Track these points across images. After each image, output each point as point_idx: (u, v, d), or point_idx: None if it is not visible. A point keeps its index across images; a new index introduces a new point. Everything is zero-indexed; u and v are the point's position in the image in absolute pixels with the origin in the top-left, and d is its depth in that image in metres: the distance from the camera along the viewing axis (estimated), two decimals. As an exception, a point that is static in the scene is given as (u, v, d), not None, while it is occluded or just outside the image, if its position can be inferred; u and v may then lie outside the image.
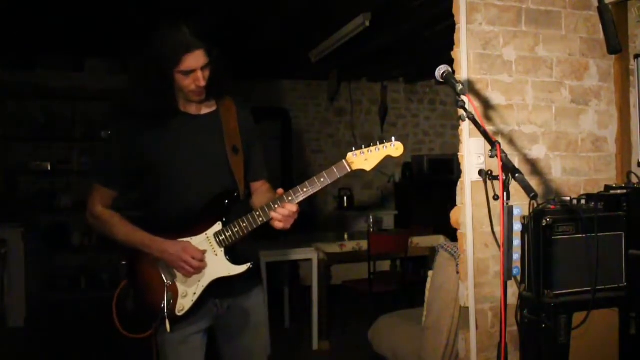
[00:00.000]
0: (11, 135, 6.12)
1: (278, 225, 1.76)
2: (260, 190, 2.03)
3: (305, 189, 1.74)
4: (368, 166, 1.75)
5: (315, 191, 1.75)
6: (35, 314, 5.24)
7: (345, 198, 6.95)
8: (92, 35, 5.14)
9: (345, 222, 6.64)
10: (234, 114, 1.92)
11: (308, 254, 4.36)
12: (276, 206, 1.74)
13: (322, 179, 1.73)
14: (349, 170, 1.74)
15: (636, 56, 2.88)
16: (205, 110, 1.90)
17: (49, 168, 6.23)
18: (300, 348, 4.39)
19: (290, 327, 4.86)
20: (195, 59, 1.72)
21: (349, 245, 4.61)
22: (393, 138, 1.75)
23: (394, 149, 1.74)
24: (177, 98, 1.84)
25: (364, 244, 4.50)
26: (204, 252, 1.77)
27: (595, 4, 2.81)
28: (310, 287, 4.38)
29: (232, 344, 1.96)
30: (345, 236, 4.97)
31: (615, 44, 2.76)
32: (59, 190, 6.39)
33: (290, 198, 1.74)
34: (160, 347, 1.86)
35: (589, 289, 2.29)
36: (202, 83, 1.76)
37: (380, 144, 1.75)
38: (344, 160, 1.74)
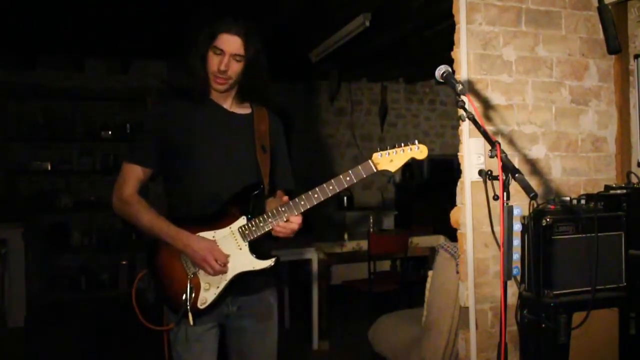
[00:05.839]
0: (11, 135, 6.12)
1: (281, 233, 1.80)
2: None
3: (331, 187, 1.76)
4: (393, 167, 1.77)
5: (340, 189, 1.77)
6: (35, 314, 5.24)
7: (345, 198, 6.94)
8: (92, 35, 5.14)
9: (345, 222, 6.64)
10: (266, 119, 1.98)
11: (308, 254, 4.35)
12: (302, 203, 1.76)
13: (347, 178, 1.75)
14: (375, 170, 1.76)
15: (636, 56, 2.88)
16: (240, 111, 1.96)
17: (49, 168, 6.23)
18: (300, 348, 4.39)
19: (290, 327, 4.86)
20: (229, 42, 1.80)
21: (349, 245, 4.61)
22: (416, 141, 1.77)
23: (419, 151, 1.76)
24: (209, 87, 1.88)
25: (364, 244, 4.49)
26: (228, 255, 1.78)
27: (595, 4, 2.81)
28: (310, 287, 4.38)
29: (241, 346, 1.95)
30: (345, 236, 4.97)
31: (615, 44, 2.76)
32: (59, 190, 6.39)
33: (316, 195, 1.76)
34: (173, 345, 1.87)
35: (588, 289, 2.29)
36: (223, 67, 1.80)
37: (405, 145, 1.76)
38: (370, 161, 1.77)
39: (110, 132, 6.43)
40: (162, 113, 1.89)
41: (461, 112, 1.68)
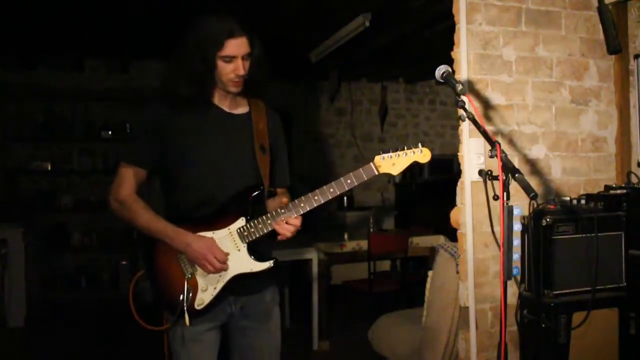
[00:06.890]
0: (11, 135, 6.12)
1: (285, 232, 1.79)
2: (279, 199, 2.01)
3: (331, 189, 1.76)
4: (395, 171, 1.77)
5: (341, 192, 1.76)
6: (35, 314, 5.23)
7: (345, 198, 6.94)
8: (92, 35, 5.14)
9: (346, 222, 6.64)
10: (264, 116, 1.96)
11: (308, 254, 4.35)
12: (302, 205, 1.77)
13: (349, 181, 1.76)
14: (376, 173, 1.77)
15: (636, 56, 2.88)
16: (239, 110, 1.93)
17: (49, 168, 6.24)
18: (300, 348, 4.39)
19: (290, 327, 4.86)
20: (238, 46, 1.76)
21: (349, 245, 4.61)
22: (419, 144, 1.77)
23: (422, 155, 1.77)
24: (213, 90, 1.86)
25: (364, 244, 4.50)
26: (227, 254, 1.78)
27: (595, 4, 2.81)
28: (311, 287, 4.38)
29: (244, 346, 1.96)
30: (345, 236, 4.97)
31: (615, 44, 2.76)
32: (59, 190, 6.39)
33: (316, 198, 1.76)
34: (172, 345, 1.87)
35: (588, 289, 2.30)
36: (242, 72, 1.78)
37: (407, 148, 1.76)
38: (371, 163, 1.77)
39: (110, 132, 6.42)
40: (159, 113, 1.84)
41: (461, 112, 1.68)
